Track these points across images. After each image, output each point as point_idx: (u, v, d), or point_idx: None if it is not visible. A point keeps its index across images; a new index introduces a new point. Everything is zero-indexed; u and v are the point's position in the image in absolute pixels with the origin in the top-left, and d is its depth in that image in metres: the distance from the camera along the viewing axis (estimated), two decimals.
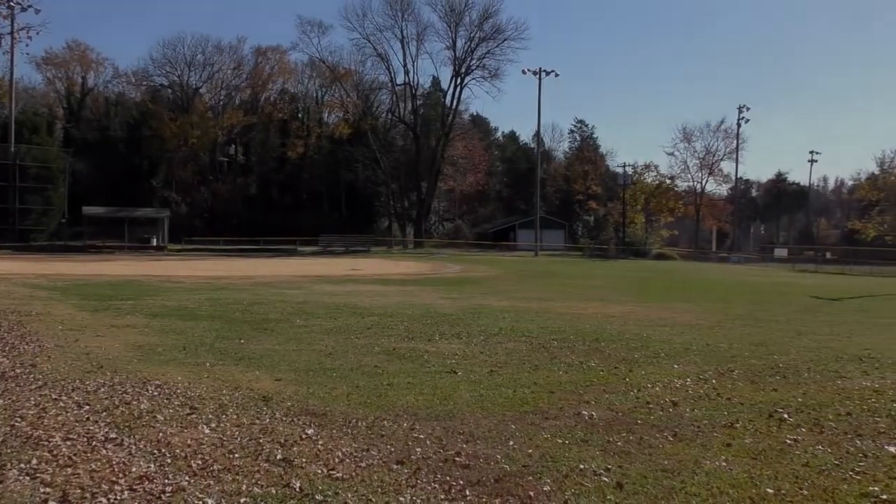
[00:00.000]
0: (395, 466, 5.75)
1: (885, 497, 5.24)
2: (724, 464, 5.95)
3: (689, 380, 9.64)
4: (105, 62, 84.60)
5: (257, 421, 7.02)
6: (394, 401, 8.01)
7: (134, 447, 6.02)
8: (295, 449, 6.13)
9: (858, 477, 5.69)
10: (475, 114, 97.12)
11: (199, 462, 5.71)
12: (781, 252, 76.47)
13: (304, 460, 5.84)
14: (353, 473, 5.56)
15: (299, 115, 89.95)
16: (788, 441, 6.69)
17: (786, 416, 7.68)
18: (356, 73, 79.11)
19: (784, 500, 5.16)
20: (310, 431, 6.67)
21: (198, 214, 77.88)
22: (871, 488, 5.42)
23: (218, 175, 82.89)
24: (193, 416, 7.14)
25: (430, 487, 5.31)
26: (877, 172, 74.18)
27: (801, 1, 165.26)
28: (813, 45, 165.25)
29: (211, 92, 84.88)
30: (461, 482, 5.41)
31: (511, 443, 6.45)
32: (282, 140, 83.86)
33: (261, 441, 6.32)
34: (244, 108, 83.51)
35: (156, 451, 5.92)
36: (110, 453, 5.84)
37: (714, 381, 9.56)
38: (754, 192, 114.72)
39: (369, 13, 74.89)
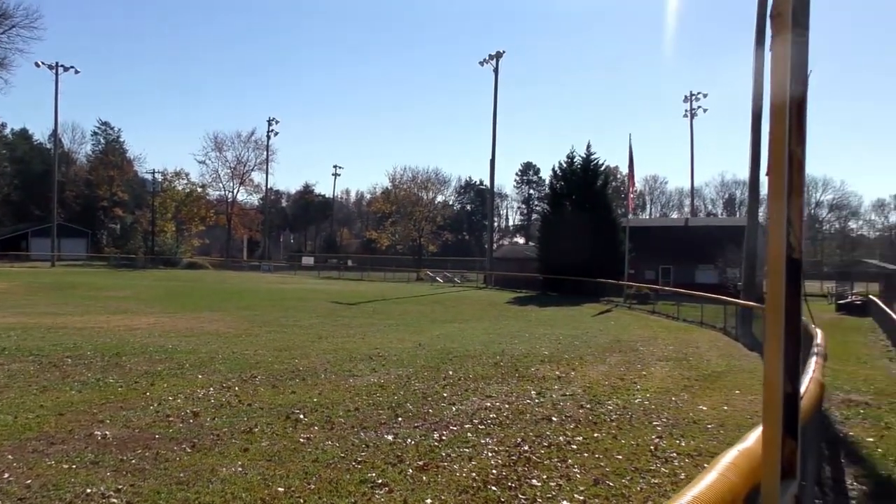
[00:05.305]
0: None
1: (380, 481, 5.84)
2: (240, 469, 6.07)
3: (212, 389, 9.67)
4: None
5: None
6: None
7: None
8: None
9: (360, 466, 6.27)
10: None
11: None
12: (308, 260, 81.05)
13: None
14: None
15: None
16: (302, 440, 7.10)
17: (301, 416, 8.15)
18: None
19: (293, 497, 5.44)
20: None
21: None
22: (369, 475, 6.02)
23: None
24: None
25: None
26: (390, 187, 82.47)
27: (300, 19, 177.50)
28: (331, 65, 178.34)
29: None
30: None
31: (6, 475, 5.75)
32: None
33: None
34: None
35: None
36: None
37: (237, 389, 9.74)
38: (284, 203, 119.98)
39: None
